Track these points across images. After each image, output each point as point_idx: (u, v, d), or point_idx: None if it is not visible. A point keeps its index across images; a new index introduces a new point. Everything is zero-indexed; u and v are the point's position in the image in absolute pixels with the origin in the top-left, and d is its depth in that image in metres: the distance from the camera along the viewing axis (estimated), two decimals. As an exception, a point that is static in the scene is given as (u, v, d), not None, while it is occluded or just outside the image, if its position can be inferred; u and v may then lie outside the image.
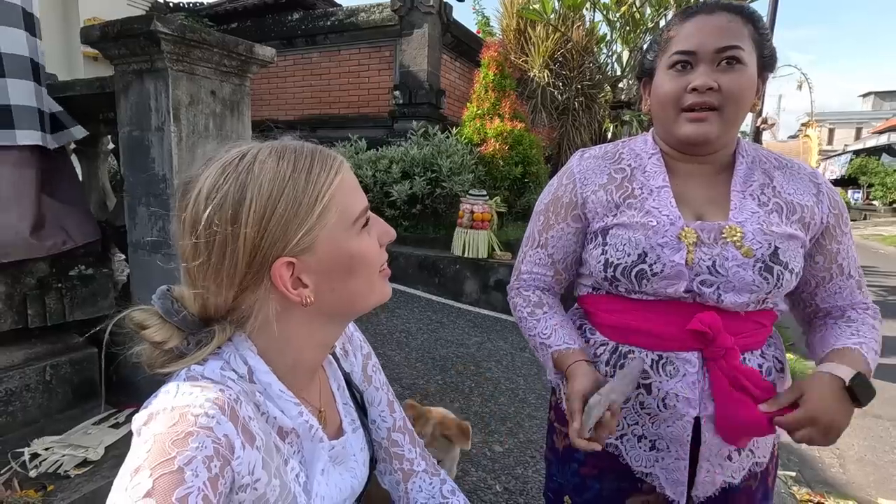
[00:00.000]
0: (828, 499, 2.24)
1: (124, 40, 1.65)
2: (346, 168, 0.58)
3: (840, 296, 0.89)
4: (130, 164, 1.78)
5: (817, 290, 0.90)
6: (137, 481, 0.44)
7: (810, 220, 0.84)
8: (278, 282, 0.54)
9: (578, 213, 0.93)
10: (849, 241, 0.88)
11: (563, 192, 0.95)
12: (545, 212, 0.98)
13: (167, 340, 0.55)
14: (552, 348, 0.91)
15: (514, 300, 1.01)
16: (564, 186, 0.95)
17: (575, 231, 0.94)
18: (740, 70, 0.79)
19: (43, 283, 1.79)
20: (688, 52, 0.81)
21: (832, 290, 0.89)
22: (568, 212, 0.94)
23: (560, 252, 0.96)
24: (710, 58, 0.80)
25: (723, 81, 0.79)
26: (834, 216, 0.86)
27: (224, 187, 0.52)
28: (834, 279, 0.88)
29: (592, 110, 7.02)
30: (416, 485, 0.79)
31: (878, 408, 3.27)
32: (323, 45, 6.76)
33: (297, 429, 0.59)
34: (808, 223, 0.84)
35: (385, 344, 3.27)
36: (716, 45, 0.79)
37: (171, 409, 0.49)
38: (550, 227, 0.96)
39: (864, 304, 0.89)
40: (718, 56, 0.79)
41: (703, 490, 0.85)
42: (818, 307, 0.92)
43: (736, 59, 0.79)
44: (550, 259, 0.97)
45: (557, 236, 0.95)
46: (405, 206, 4.98)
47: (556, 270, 0.98)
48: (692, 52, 0.81)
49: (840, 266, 0.88)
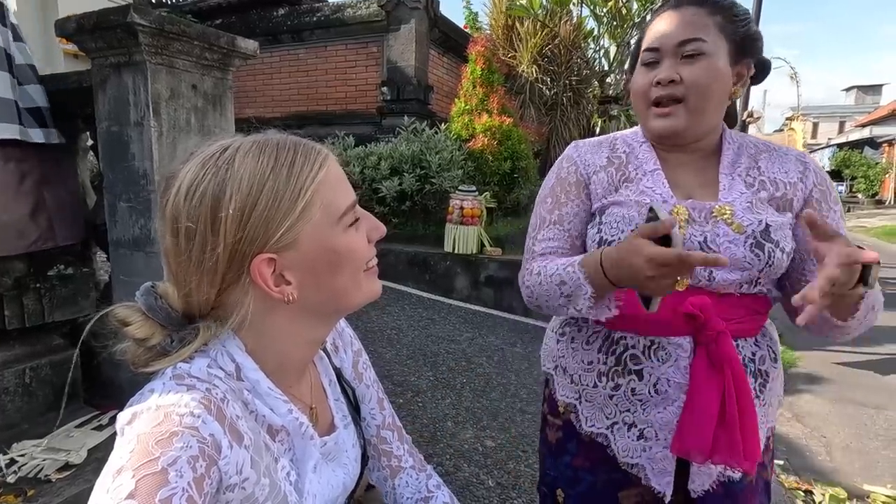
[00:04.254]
0: (815, 486, 2.27)
1: (101, 33, 1.61)
2: (332, 161, 0.57)
3: None
4: (110, 160, 1.74)
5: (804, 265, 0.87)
6: (120, 482, 0.43)
7: (793, 196, 0.85)
8: (258, 279, 0.52)
9: (587, 191, 0.93)
10: (837, 219, 0.87)
11: (568, 174, 0.95)
12: (553, 193, 0.95)
13: (150, 337, 0.53)
14: (577, 261, 0.81)
15: (530, 265, 0.92)
16: (567, 169, 0.95)
17: (587, 208, 0.93)
18: (703, 60, 0.81)
19: (20, 284, 1.74)
20: (653, 49, 0.85)
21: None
22: (579, 189, 0.93)
23: (576, 228, 0.92)
24: (673, 51, 0.83)
25: (685, 73, 0.82)
26: (820, 191, 0.87)
27: (203, 182, 0.51)
28: None
29: (580, 105, 7.05)
30: (402, 481, 0.79)
31: (862, 396, 3.32)
32: (309, 42, 6.70)
33: (286, 427, 0.58)
34: (790, 199, 0.85)
35: (376, 341, 3.25)
36: (676, 38, 0.82)
37: (155, 409, 0.48)
38: (562, 204, 0.93)
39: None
40: (680, 49, 0.83)
41: (700, 482, 0.84)
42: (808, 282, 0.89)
43: (698, 52, 0.81)
44: (567, 233, 0.92)
45: (573, 212, 0.92)
46: (394, 202, 4.96)
47: (573, 244, 0.92)
48: (656, 48, 0.85)
49: None
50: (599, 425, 0.90)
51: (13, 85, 1.70)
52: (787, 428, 2.87)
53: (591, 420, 0.91)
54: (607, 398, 0.89)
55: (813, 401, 3.27)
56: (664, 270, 0.68)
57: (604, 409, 0.89)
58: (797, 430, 2.86)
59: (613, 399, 0.88)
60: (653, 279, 0.69)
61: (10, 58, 1.70)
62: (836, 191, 0.89)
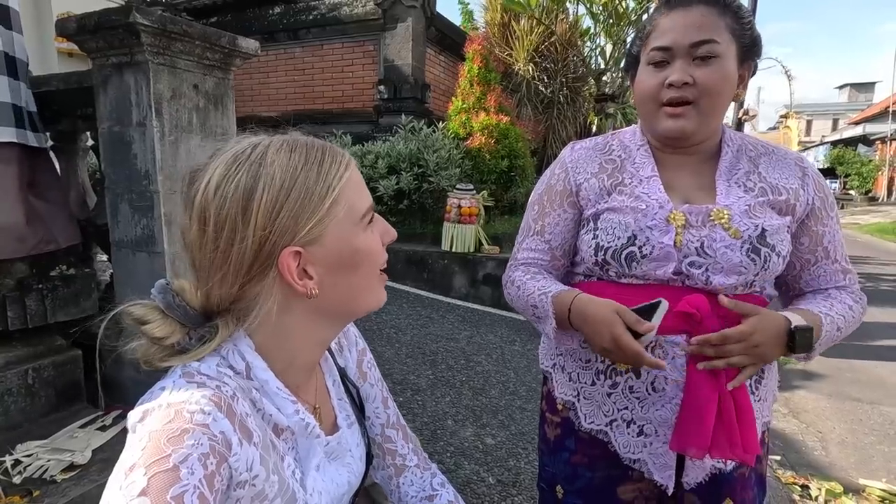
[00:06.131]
0: (811, 481, 2.30)
1: (102, 33, 1.60)
2: (354, 166, 0.59)
3: (824, 279, 0.90)
4: (111, 160, 1.74)
5: (802, 274, 0.91)
6: (132, 479, 0.43)
7: (795, 201, 0.86)
8: (285, 271, 0.53)
9: (573, 199, 0.94)
10: (835, 226, 0.89)
11: (557, 182, 0.97)
12: (539, 201, 0.99)
13: (169, 336, 0.54)
14: (552, 293, 0.88)
15: (512, 275, 0.99)
16: (557, 176, 0.97)
17: (571, 217, 0.95)
18: (716, 63, 0.81)
19: (23, 285, 1.74)
20: (664, 49, 0.83)
21: (816, 274, 0.90)
22: (563, 199, 0.95)
23: (557, 238, 0.96)
24: (686, 52, 0.82)
25: (698, 76, 0.81)
26: (819, 199, 0.88)
27: (237, 175, 0.52)
28: (819, 262, 0.89)
29: (577, 103, 7.07)
30: (407, 479, 0.80)
31: (857, 391, 3.36)
32: (305, 40, 6.67)
33: (292, 426, 0.59)
34: (792, 205, 0.86)
35: (375, 340, 3.26)
36: (690, 40, 0.81)
37: (166, 406, 0.48)
38: (546, 214, 0.97)
39: (848, 288, 0.90)
40: (693, 51, 0.81)
41: (694, 476, 0.86)
42: (802, 291, 0.93)
43: (711, 53, 0.80)
44: (548, 245, 0.97)
45: (554, 223, 0.96)
46: (392, 201, 4.96)
47: (553, 256, 0.98)
48: (668, 48, 0.83)
49: (825, 249, 0.89)
50: (599, 422, 0.91)
51: (14, 88, 1.70)
52: (783, 423, 2.91)
53: (590, 417, 0.92)
54: (605, 396, 0.90)
55: (808, 396, 3.30)
56: (619, 353, 0.77)
57: (602, 406, 0.90)
58: (793, 426, 2.90)
59: (611, 397, 0.89)
60: (605, 350, 0.80)
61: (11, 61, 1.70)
62: (832, 195, 0.90)
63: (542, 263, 0.98)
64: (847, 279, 0.90)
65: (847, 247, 0.93)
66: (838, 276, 0.90)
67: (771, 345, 0.78)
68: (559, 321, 0.87)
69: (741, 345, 0.77)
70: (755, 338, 0.77)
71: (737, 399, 0.80)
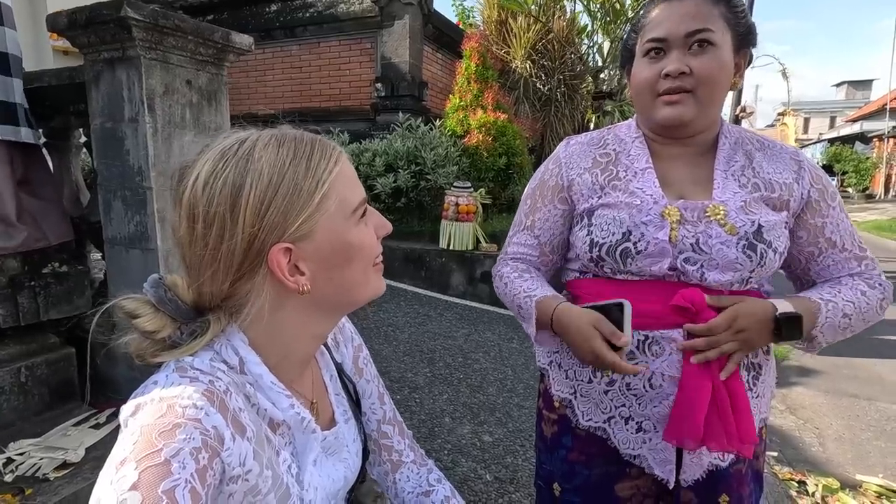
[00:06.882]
0: (809, 476, 2.30)
1: (94, 27, 1.59)
2: (345, 159, 0.58)
3: (835, 268, 0.88)
4: (104, 156, 1.72)
5: (810, 266, 0.90)
6: (123, 473, 0.43)
7: (788, 197, 0.85)
8: (275, 268, 0.53)
9: (564, 195, 0.94)
10: (838, 215, 0.87)
11: (549, 177, 0.97)
12: (531, 196, 0.99)
13: (160, 330, 0.53)
14: (537, 297, 0.91)
15: (501, 270, 1.01)
16: (550, 171, 0.97)
17: (561, 213, 0.95)
18: (712, 52, 0.81)
19: (15, 282, 1.73)
20: (659, 39, 0.83)
21: (825, 264, 0.88)
22: (554, 194, 0.95)
23: (547, 234, 0.97)
24: (681, 42, 0.82)
25: (694, 65, 0.81)
26: (817, 191, 0.86)
27: (224, 173, 0.52)
28: (824, 253, 0.88)
29: (575, 101, 7.06)
30: (403, 475, 0.80)
31: (855, 388, 3.37)
32: (302, 38, 6.66)
33: (287, 421, 0.59)
34: (786, 200, 0.85)
35: (373, 338, 3.25)
36: (685, 29, 0.81)
37: (158, 400, 0.48)
38: (537, 209, 0.97)
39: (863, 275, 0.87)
40: (689, 40, 0.81)
41: (691, 472, 0.86)
42: (814, 282, 0.91)
43: (707, 42, 0.80)
44: (537, 240, 0.98)
45: (544, 218, 0.96)
46: (389, 199, 4.95)
47: (542, 252, 0.99)
48: (663, 38, 0.83)
49: (829, 240, 0.87)
50: (597, 419, 0.90)
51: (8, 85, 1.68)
52: (780, 420, 2.91)
53: (587, 414, 0.91)
54: (602, 393, 0.89)
55: (805, 393, 3.31)
56: (598, 363, 0.82)
57: (599, 403, 0.90)
58: (790, 422, 2.90)
59: (609, 394, 0.88)
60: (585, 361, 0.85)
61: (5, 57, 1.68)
62: (832, 186, 0.89)
63: (531, 259, 0.99)
64: (863, 265, 0.87)
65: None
66: (851, 263, 0.87)
67: (756, 330, 0.79)
68: (541, 326, 0.90)
69: (727, 332, 0.78)
70: (739, 322, 0.78)
71: (731, 390, 0.80)
